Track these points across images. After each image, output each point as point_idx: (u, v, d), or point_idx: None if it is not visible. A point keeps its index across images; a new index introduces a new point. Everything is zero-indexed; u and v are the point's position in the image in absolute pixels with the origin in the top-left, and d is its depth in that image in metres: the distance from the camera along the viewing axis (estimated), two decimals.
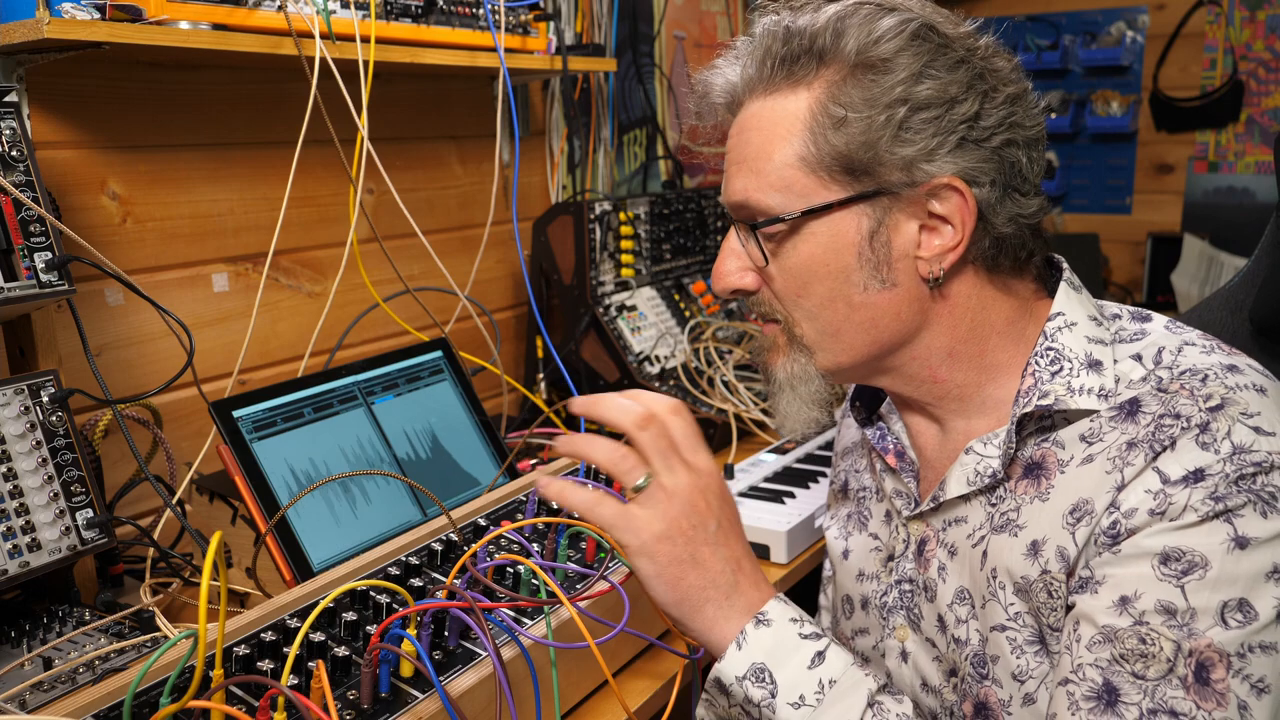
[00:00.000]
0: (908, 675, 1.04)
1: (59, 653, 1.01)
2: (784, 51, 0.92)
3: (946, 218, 0.91)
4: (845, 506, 1.17)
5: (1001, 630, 0.92)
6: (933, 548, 1.01)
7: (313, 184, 1.66)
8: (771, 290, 0.98)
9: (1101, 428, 0.89)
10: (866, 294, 0.94)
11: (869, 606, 1.09)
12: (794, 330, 0.98)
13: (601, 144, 2.29)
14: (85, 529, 1.10)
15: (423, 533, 1.09)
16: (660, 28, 2.44)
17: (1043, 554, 0.89)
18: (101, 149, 1.39)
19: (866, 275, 0.93)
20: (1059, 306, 0.96)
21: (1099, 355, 0.92)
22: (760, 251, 0.95)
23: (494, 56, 1.63)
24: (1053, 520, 0.89)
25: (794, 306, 0.97)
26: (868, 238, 0.93)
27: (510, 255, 2.05)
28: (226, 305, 1.56)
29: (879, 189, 0.91)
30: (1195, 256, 3.11)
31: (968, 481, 0.96)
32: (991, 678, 0.93)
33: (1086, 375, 0.91)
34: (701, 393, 1.90)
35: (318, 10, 1.35)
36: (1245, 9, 3.08)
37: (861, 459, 1.17)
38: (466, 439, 1.37)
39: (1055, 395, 0.91)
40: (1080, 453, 0.90)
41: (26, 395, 1.09)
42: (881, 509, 1.11)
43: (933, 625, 1.00)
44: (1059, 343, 0.94)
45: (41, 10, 1.12)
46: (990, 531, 0.94)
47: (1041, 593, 0.89)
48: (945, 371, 0.98)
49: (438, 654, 0.90)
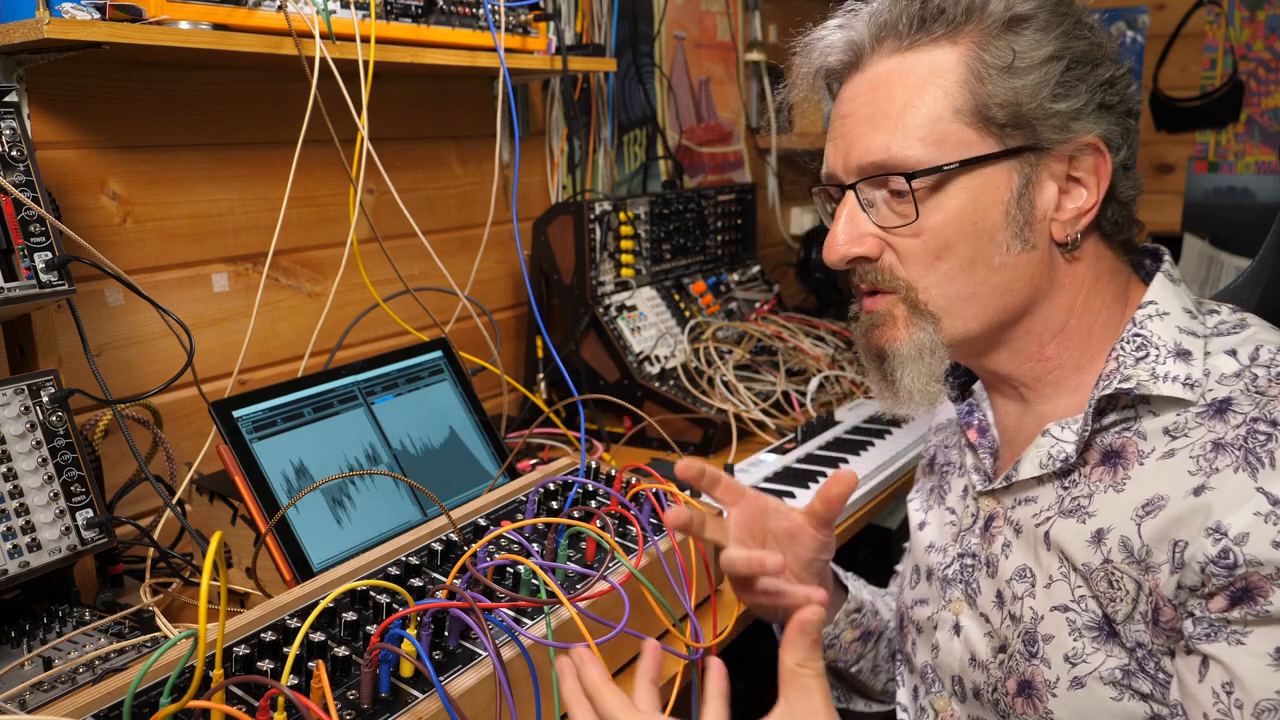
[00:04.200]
0: (958, 650, 1.03)
1: (59, 653, 1.01)
2: (921, 10, 0.92)
3: (1082, 180, 0.91)
4: (930, 480, 1.18)
5: (1064, 610, 0.91)
6: (1000, 524, 1.00)
7: (313, 184, 1.66)
8: (898, 255, 0.95)
9: (1188, 422, 0.87)
10: (1008, 255, 0.92)
11: (932, 578, 1.10)
12: (918, 298, 0.94)
13: (601, 144, 2.29)
14: (85, 529, 1.10)
15: (423, 533, 1.09)
16: (660, 28, 2.44)
17: (1106, 542, 0.88)
18: (101, 149, 1.39)
19: (1011, 235, 0.92)
20: (1153, 295, 0.95)
21: (1189, 345, 0.91)
22: (912, 207, 0.92)
23: (494, 56, 1.63)
24: (1123, 512, 0.88)
25: (927, 270, 0.94)
26: (1016, 195, 0.91)
27: (510, 255, 2.05)
28: (226, 305, 1.56)
29: (1034, 144, 0.90)
30: (1195, 257, 3.11)
31: (1040, 464, 0.95)
32: (1041, 657, 0.92)
33: (1173, 363, 0.89)
34: (701, 393, 1.90)
35: (318, 10, 1.35)
36: (1245, 9, 3.07)
37: (952, 435, 1.17)
38: (466, 439, 1.37)
39: (1138, 380, 0.89)
40: (1162, 446, 0.88)
41: (26, 395, 1.09)
42: (960, 484, 1.10)
43: (990, 601, 1.00)
44: (1148, 330, 0.92)
45: (41, 10, 1.12)
46: (1058, 515, 0.94)
47: (1102, 581, 0.88)
48: (1053, 348, 0.97)
49: (438, 654, 0.90)
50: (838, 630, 1.18)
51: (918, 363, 0.96)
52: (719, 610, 1.21)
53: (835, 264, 0.97)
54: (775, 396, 1.92)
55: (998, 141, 0.91)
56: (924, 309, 0.95)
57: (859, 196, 0.96)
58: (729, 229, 2.37)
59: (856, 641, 1.20)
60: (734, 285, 2.33)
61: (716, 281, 2.29)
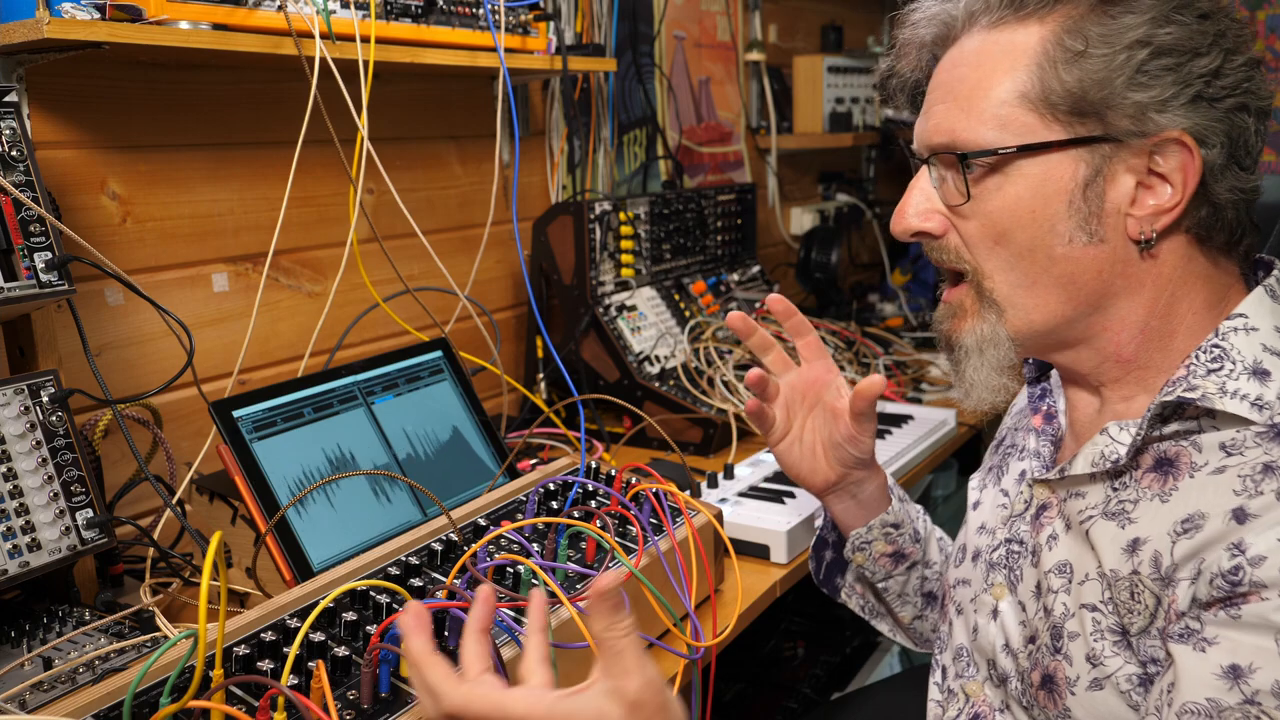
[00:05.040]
0: (994, 634, 1.02)
1: (59, 653, 1.01)
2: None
3: (1167, 176, 0.87)
4: (992, 459, 1.17)
5: (1091, 610, 0.90)
6: (1051, 515, 0.99)
7: (313, 184, 1.66)
8: (961, 236, 0.94)
9: (1245, 441, 0.83)
10: (1070, 247, 0.89)
11: (979, 559, 1.08)
12: (984, 284, 0.93)
13: (601, 144, 2.29)
14: (85, 529, 1.10)
15: (423, 533, 1.09)
16: (660, 28, 2.44)
17: (1139, 554, 0.86)
18: (101, 149, 1.39)
19: (1074, 226, 0.89)
20: (1245, 308, 0.90)
21: (1269, 365, 0.86)
22: (965, 188, 0.91)
23: (494, 56, 1.63)
24: (1164, 525, 0.85)
25: (988, 254, 0.92)
26: (1082, 186, 0.88)
27: (510, 255, 2.05)
28: (226, 305, 1.56)
29: (1104, 134, 0.87)
30: None
31: (1093, 462, 0.93)
32: (1064, 653, 0.91)
33: (1246, 381, 0.85)
34: (701, 393, 1.90)
35: (318, 10, 1.35)
36: (1245, 9, 3.07)
37: (1024, 418, 1.14)
38: (466, 439, 1.37)
39: (1204, 391, 0.85)
40: (1215, 461, 0.84)
41: (26, 395, 1.09)
42: (1019, 467, 1.09)
43: (1029, 590, 0.99)
44: (1229, 342, 0.88)
45: (41, 10, 1.12)
46: (1101, 515, 0.91)
47: (1124, 591, 0.86)
48: (1132, 349, 0.93)
49: None
50: (872, 536, 1.19)
51: (980, 355, 0.95)
52: (719, 610, 1.21)
53: (900, 235, 0.97)
54: None
55: (1064, 129, 0.87)
56: (990, 297, 0.93)
57: (932, 172, 0.95)
58: (729, 229, 2.37)
59: (887, 558, 1.21)
60: (734, 285, 2.33)
61: (716, 281, 2.29)
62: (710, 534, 1.22)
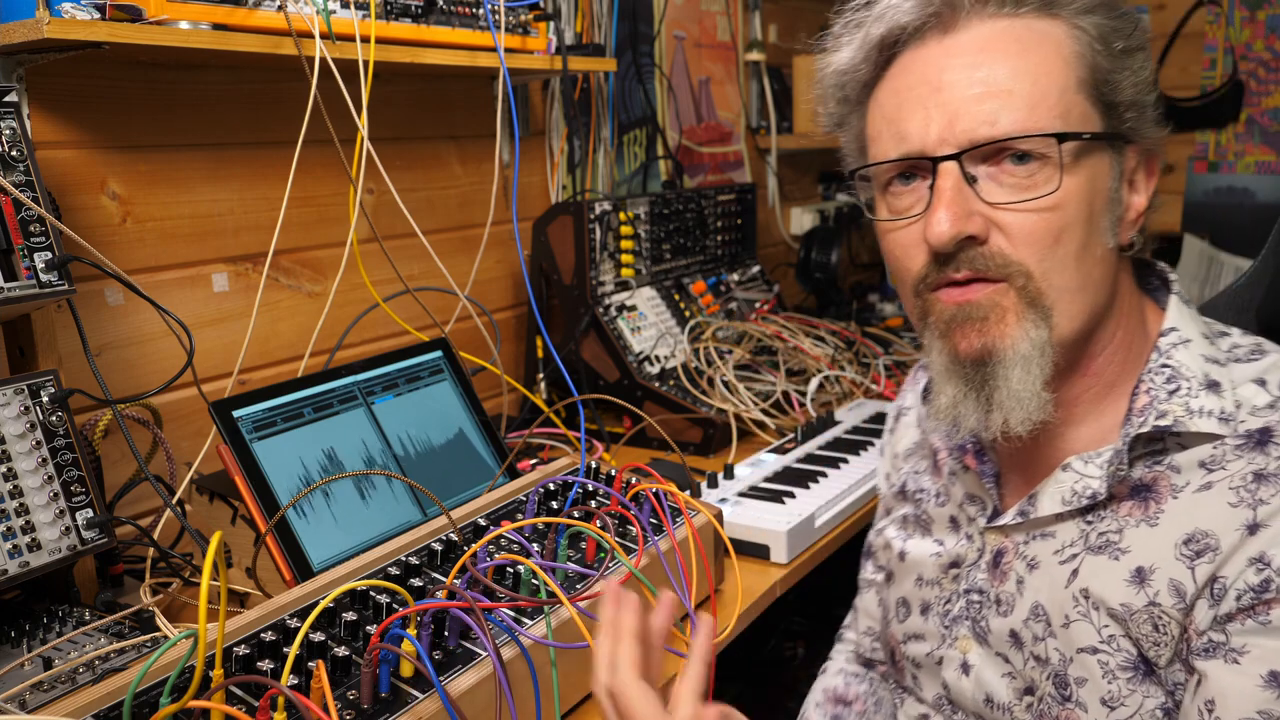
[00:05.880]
0: (969, 688, 0.98)
1: (59, 653, 1.01)
2: None
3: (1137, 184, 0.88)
4: (903, 507, 1.12)
5: (1093, 653, 0.86)
6: (1010, 560, 0.94)
7: (312, 184, 1.66)
8: (1007, 236, 0.84)
9: (1225, 455, 0.83)
10: (1106, 248, 0.86)
11: (929, 613, 1.04)
12: (1036, 285, 0.84)
13: (601, 144, 2.29)
14: (85, 529, 1.09)
15: (423, 533, 1.09)
16: (660, 28, 2.44)
17: (1151, 584, 0.83)
18: (101, 149, 1.39)
19: (1108, 225, 0.86)
20: (1172, 321, 0.89)
21: (1217, 376, 0.86)
22: (1058, 175, 0.83)
23: (494, 56, 1.63)
24: (1163, 549, 0.83)
25: (1046, 254, 0.83)
26: (1115, 182, 0.86)
27: (510, 255, 2.05)
28: (226, 305, 1.56)
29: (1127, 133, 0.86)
30: (1195, 256, 3.11)
31: (1063, 500, 0.90)
32: (1076, 700, 0.87)
33: (1205, 397, 0.85)
34: (701, 393, 1.90)
35: (318, 10, 1.35)
36: (1245, 9, 3.07)
37: (922, 460, 1.11)
38: (467, 439, 1.37)
39: (1174, 416, 0.84)
40: (1198, 479, 0.83)
41: (26, 395, 1.09)
42: (944, 514, 1.04)
43: (1004, 640, 0.94)
44: (1175, 360, 0.87)
45: (41, 10, 1.12)
46: (1086, 551, 0.88)
47: (1146, 624, 0.83)
48: (1101, 362, 0.90)
49: (438, 654, 0.90)
50: None
51: (1030, 364, 0.84)
52: (719, 610, 1.21)
53: (946, 245, 0.84)
54: (775, 396, 1.92)
55: (1105, 123, 0.85)
56: (1040, 300, 0.84)
57: (964, 170, 0.85)
58: (729, 229, 2.37)
59: None
60: (734, 285, 2.33)
61: (716, 281, 2.29)
62: (710, 534, 1.22)
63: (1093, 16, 0.85)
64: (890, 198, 0.92)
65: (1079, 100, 0.85)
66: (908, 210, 0.89)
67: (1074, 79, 0.84)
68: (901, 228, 0.90)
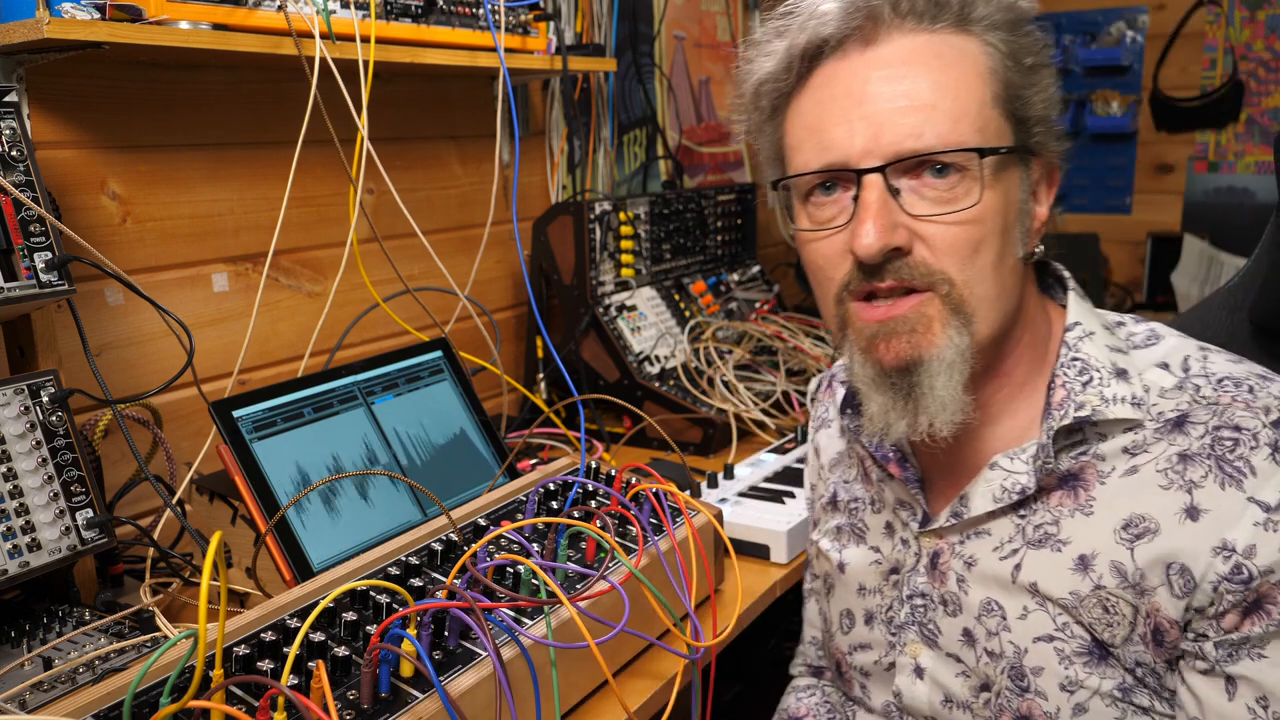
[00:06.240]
0: (923, 693, 1.00)
1: (59, 653, 1.01)
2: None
3: (1040, 194, 0.91)
4: (835, 518, 1.14)
5: (1049, 640, 0.89)
6: (947, 560, 0.97)
7: (312, 184, 1.66)
8: (929, 247, 0.86)
9: (1146, 439, 0.86)
10: (1016, 257, 0.90)
11: (873, 622, 1.06)
12: (957, 293, 0.87)
13: (601, 144, 2.29)
14: (85, 529, 1.10)
15: (423, 533, 1.09)
16: (660, 28, 2.44)
17: (1094, 569, 0.86)
18: (101, 149, 1.39)
19: (1019, 235, 0.90)
20: (1075, 316, 0.93)
21: (1123, 364, 0.90)
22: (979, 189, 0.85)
23: (494, 56, 1.63)
24: (1103, 535, 0.86)
25: (966, 264, 0.86)
26: (1025, 196, 0.90)
27: (510, 255, 2.05)
28: (226, 305, 1.56)
29: (1033, 147, 0.90)
30: (1195, 256, 3.11)
31: (994, 498, 0.93)
32: (1035, 690, 0.90)
33: (1117, 384, 0.88)
34: (701, 393, 1.90)
35: (318, 10, 1.35)
36: (1245, 9, 3.07)
37: (850, 469, 1.13)
38: (467, 439, 1.37)
39: (1092, 406, 0.88)
40: (1123, 464, 0.87)
41: (26, 395, 1.09)
42: (879, 520, 1.07)
43: (955, 640, 0.96)
44: (1083, 352, 0.91)
45: (41, 10, 1.12)
46: (1025, 545, 0.91)
47: (1095, 608, 0.86)
48: (1011, 363, 0.93)
49: (438, 654, 0.90)
50: None
51: (953, 369, 0.87)
52: (719, 610, 1.21)
53: (872, 257, 0.86)
54: (775, 396, 1.92)
55: (1016, 137, 0.89)
56: (962, 308, 0.87)
57: (887, 183, 0.86)
58: (729, 229, 2.37)
59: None
60: (734, 285, 2.33)
61: (716, 281, 2.29)
62: (710, 534, 1.22)
63: (1000, 33, 0.88)
64: (811, 207, 0.93)
65: (995, 115, 0.88)
66: (830, 221, 0.91)
67: (990, 94, 0.87)
68: (824, 238, 0.91)
